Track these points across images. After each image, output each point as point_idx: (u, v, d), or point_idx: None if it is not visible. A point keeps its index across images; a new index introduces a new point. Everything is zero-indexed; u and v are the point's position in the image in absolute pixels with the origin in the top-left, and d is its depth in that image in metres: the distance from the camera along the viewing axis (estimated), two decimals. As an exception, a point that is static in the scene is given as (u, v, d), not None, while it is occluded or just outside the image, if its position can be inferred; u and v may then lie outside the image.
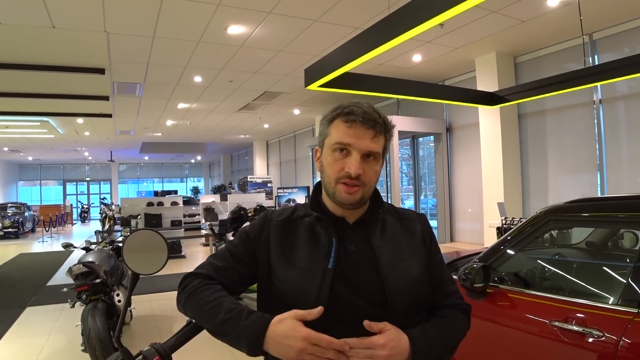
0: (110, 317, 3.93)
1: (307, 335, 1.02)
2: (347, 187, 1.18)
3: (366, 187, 1.20)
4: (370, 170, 1.19)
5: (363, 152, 1.17)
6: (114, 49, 6.43)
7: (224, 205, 13.55)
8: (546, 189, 7.19)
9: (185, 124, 13.70)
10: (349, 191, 1.18)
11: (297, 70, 7.88)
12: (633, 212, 2.24)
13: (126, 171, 28.80)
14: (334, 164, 1.20)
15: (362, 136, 1.17)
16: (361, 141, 1.17)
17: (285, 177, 18.08)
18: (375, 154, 1.19)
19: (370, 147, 1.17)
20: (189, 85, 8.79)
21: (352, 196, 1.18)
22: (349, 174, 1.16)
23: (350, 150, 1.17)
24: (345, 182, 1.18)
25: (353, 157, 1.17)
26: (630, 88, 6.04)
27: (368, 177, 1.19)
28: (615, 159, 6.23)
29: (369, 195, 1.24)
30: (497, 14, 5.51)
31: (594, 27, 6.13)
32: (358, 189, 1.18)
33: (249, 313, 1.10)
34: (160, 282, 7.36)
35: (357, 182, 1.17)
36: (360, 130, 1.17)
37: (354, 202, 1.20)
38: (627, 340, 1.83)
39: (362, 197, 1.20)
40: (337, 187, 1.20)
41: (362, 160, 1.17)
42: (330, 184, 1.21)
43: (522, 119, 7.49)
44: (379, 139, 1.20)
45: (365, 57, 3.60)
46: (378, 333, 1.08)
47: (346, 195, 1.18)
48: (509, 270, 2.64)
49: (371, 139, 1.18)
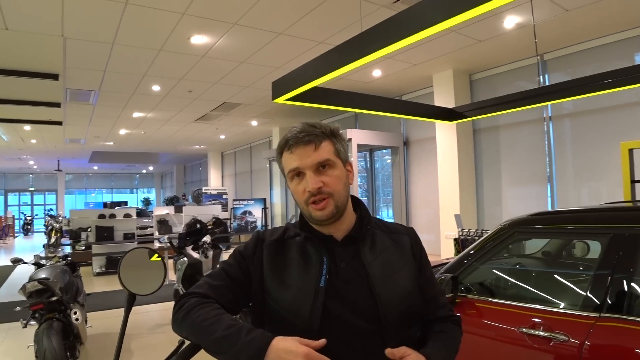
0: (67, 337, 3.75)
1: (309, 353, 1.03)
2: (316, 205, 1.21)
3: (335, 196, 1.22)
4: (329, 178, 1.22)
5: (312, 167, 1.21)
6: (70, 55, 6.23)
7: (178, 218, 13.27)
8: (499, 201, 7.48)
9: (139, 134, 13.37)
10: (319, 207, 1.21)
11: (258, 81, 7.89)
12: (589, 224, 2.40)
13: (73, 181, 27.67)
14: (297, 190, 1.25)
15: (304, 154, 1.22)
16: (306, 158, 1.22)
17: (240, 189, 17.91)
18: (326, 162, 1.23)
19: (316, 159, 1.22)
20: (147, 94, 8.61)
21: (323, 211, 1.22)
22: (309, 192, 1.20)
23: (302, 171, 1.22)
24: (313, 201, 1.21)
25: (307, 176, 1.21)
26: (576, 106, 6.43)
27: (331, 185, 1.22)
28: (563, 172, 6.60)
29: (344, 203, 1.26)
30: (456, 33, 5.75)
31: (545, 49, 6.50)
32: (326, 201, 1.21)
33: (250, 330, 1.10)
34: (115, 297, 7.12)
35: (322, 195, 1.21)
36: (300, 150, 1.22)
37: (329, 215, 1.22)
38: (590, 343, 1.95)
39: (336, 206, 1.23)
40: (309, 209, 1.23)
41: (317, 174, 1.21)
42: (303, 209, 1.26)
43: (476, 133, 7.78)
44: (324, 147, 1.24)
45: (335, 73, 3.67)
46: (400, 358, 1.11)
47: (318, 213, 1.22)
48: (475, 281, 2.74)
49: (314, 152, 1.22)
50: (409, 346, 1.17)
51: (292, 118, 11.71)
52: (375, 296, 1.19)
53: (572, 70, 6.40)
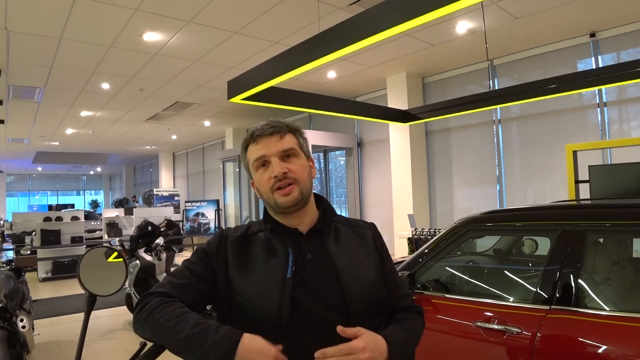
0: (13, 346, 3.57)
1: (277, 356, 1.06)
2: (282, 190, 1.24)
3: (300, 183, 1.26)
4: (294, 165, 1.27)
5: (278, 154, 1.26)
6: (14, 49, 5.92)
7: (128, 220, 12.89)
8: (451, 201, 7.70)
9: (87, 133, 12.88)
10: (284, 192, 1.24)
11: (212, 81, 7.78)
12: (539, 221, 2.51)
13: (15, 183, 26.31)
14: (262, 178, 1.28)
15: (270, 143, 1.27)
16: (271, 146, 1.27)
17: (193, 190, 17.59)
18: (290, 151, 1.28)
19: (281, 147, 1.27)
20: (95, 92, 8.31)
21: (289, 196, 1.24)
22: (276, 177, 1.23)
23: (267, 159, 1.26)
24: (278, 186, 1.24)
25: (272, 162, 1.25)
26: (523, 110, 6.71)
27: (296, 172, 1.26)
28: (511, 173, 6.87)
29: (308, 192, 1.29)
30: (409, 36, 5.87)
31: (495, 54, 6.74)
32: (292, 186, 1.24)
33: (218, 327, 1.09)
34: (62, 304, 6.85)
35: (288, 180, 1.24)
36: (266, 140, 1.28)
37: (295, 201, 1.25)
38: (542, 334, 2.05)
39: (301, 193, 1.26)
40: (274, 196, 1.25)
41: (282, 161, 1.26)
42: (268, 198, 1.27)
43: (429, 135, 7.98)
44: (287, 138, 1.29)
45: (292, 74, 3.67)
46: (353, 338, 1.12)
47: (284, 198, 1.24)
48: (431, 278, 2.82)
49: (279, 141, 1.27)
50: None
51: (247, 118, 11.61)
52: (342, 286, 1.21)
53: (519, 76, 6.68)
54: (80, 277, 1.33)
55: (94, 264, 1.37)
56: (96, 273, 1.36)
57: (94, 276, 1.35)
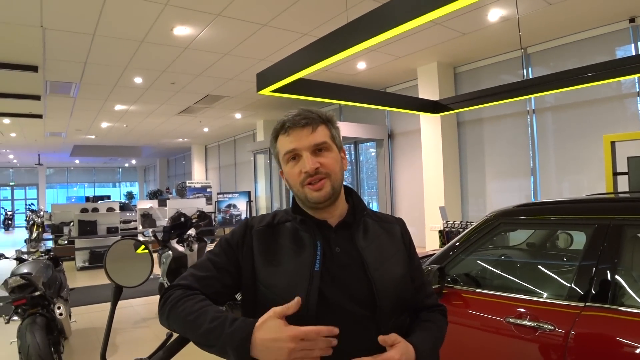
0: (51, 332, 3.69)
1: (294, 334, 1.01)
2: (312, 185, 1.21)
3: (332, 177, 1.22)
4: (326, 159, 1.23)
5: (310, 148, 1.22)
6: (50, 46, 6.09)
7: (162, 211, 13.16)
8: (483, 193, 7.55)
9: (121, 127, 13.19)
10: (315, 188, 1.21)
11: (242, 74, 7.82)
12: (574, 215, 2.42)
13: (54, 175, 27.22)
14: (292, 172, 1.24)
15: (302, 136, 1.22)
16: (303, 140, 1.22)
17: (224, 182, 17.81)
18: (323, 144, 1.23)
19: (313, 140, 1.22)
20: (129, 86, 8.49)
21: (320, 192, 1.21)
22: (307, 172, 1.20)
23: (299, 152, 1.22)
24: (310, 182, 1.20)
25: (304, 157, 1.21)
26: (558, 99, 6.50)
27: (328, 166, 1.22)
28: (546, 165, 6.67)
29: (340, 186, 1.26)
30: (440, 25, 5.75)
31: (529, 42, 6.54)
32: (323, 181, 1.21)
33: (232, 321, 1.08)
34: (98, 292, 7.05)
35: (320, 175, 1.20)
36: (297, 132, 1.23)
37: (326, 197, 1.22)
38: (576, 332, 1.97)
39: (333, 187, 1.23)
40: (305, 190, 1.22)
41: (314, 155, 1.21)
42: (298, 191, 1.24)
43: (461, 126, 7.83)
44: (320, 130, 1.24)
45: (320, 65, 3.65)
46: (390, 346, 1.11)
47: (315, 194, 1.21)
48: (461, 272, 2.76)
49: (311, 134, 1.22)
50: (399, 333, 1.18)
51: (277, 110, 11.66)
52: (370, 281, 1.19)
53: (555, 64, 6.46)
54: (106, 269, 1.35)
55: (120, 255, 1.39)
56: (122, 265, 1.38)
57: (120, 268, 1.37)
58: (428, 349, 1.19)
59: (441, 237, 6.11)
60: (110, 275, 1.34)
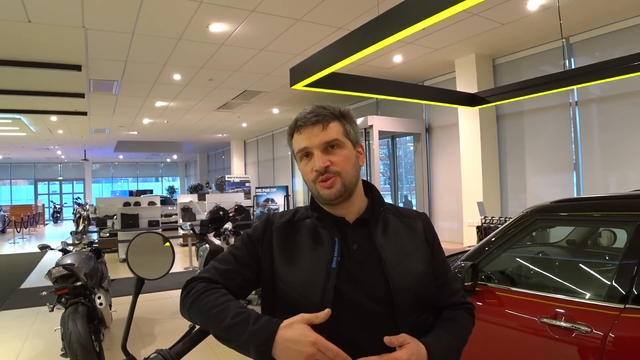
0: (92, 321, 3.83)
1: (316, 341, 1.01)
2: (323, 183, 1.20)
3: (342, 175, 1.21)
4: (337, 157, 1.22)
5: (320, 146, 1.21)
6: (92, 46, 6.29)
7: (202, 205, 13.43)
8: (523, 189, 7.33)
9: (162, 123, 13.51)
10: (326, 186, 1.20)
11: (278, 69, 7.86)
12: (615, 211, 2.31)
13: (100, 170, 28.24)
14: (305, 169, 1.25)
15: (312, 134, 1.22)
16: (314, 138, 1.21)
17: (263, 176, 18.00)
18: (334, 142, 1.22)
19: (324, 138, 1.21)
20: (168, 83, 8.67)
21: (331, 189, 1.20)
22: (317, 171, 1.20)
23: (311, 151, 1.22)
24: (321, 180, 1.20)
25: (315, 155, 1.21)
26: (603, 91, 6.22)
27: (338, 164, 1.21)
28: (590, 159, 6.40)
29: (352, 183, 1.24)
30: (478, 16, 5.60)
31: (571, 31, 6.29)
32: (334, 179, 1.20)
33: (257, 318, 1.08)
34: (139, 283, 7.26)
35: (329, 174, 1.20)
36: (308, 130, 1.22)
37: (337, 195, 1.21)
38: (614, 335, 1.88)
39: (344, 185, 1.21)
40: (317, 188, 1.23)
41: (325, 153, 1.21)
42: (312, 188, 1.25)
43: (500, 119, 7.62)
44: (332, 127, 1.23)
45: (352, 58, 3.61)
46: (398, 347, 1.08)
47: (326, 191, 1.21)
48: (496, 269, 2.69)
49: (322, 132, 1.22)
50: (420, 332, 1.16)
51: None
52: (387, 279, 1.17)
53: (601, 53, 6.17)
54: (128, 261, 1.38)
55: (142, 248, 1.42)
56: (144, 257, 1.41)
57: (142, 260, 1.40)
58: (442, 349, 1.15)
59: (479, 233, 5.98)
60: (132, 267, 1.37)
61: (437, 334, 1.21)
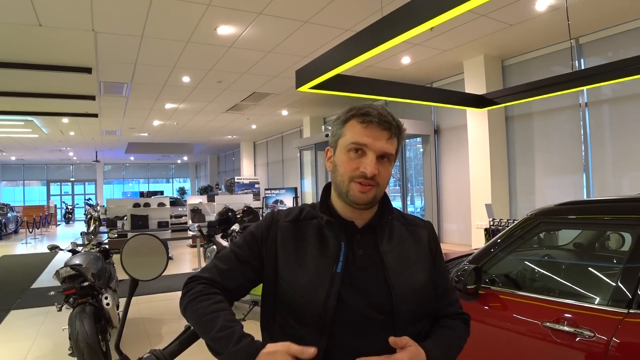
0: (99, 321, 3.87)
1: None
2: (361, 186, 1.17)
3: (379, 188, 1.20)
4: (384, 171, 1.19)
5: (378, 153, 1.17)
6: (102, 49, 6.36)
7: (211, 206, 13.50)
8: (533, 191, 7.27)
9: (172, 125, 13.60)
10: (362, 190, 1.17)
11: (286, 71, 7.87)
12: (620, 215, 2.28)
13: (111, 171, 28.50)
14: (349, 163, 1.19)
15: (378, 137, 1.17)
16: (377, 142, 1.17)
17: (272, 178, 18.03)
18: (389, 156, 1.20)
19: (385, 148, 1.18)
20: (177, 85, 8.73)
21: (365, 195, 1.18)
22: (364, 173, 1.16)
23: (366, 150, 1.18)
24: (360, 182, 1.17)
25: (369, 158, 1.17)
26: (615, 91, 6.14)
27: (382, 177, 1.19)
28: (600, 161, 6.32)
29: (380, 196, 1.23)
30: (486, 17, 5.57)
31: (580, 32, 6.22)
32: (371, 188, 1.18)
33: (240, 338, 1.07)
34: (148, 284, 7.30)
35: (372, 182, 1.17)
36: (376, 131, 1.18)
37: (367, 202, 1.19)
38: (617, 340, 1.86)
39: (375, 197, 1.20)
40: (350, 186, 1.19)
41: (377, 161, 1.17)
42: (343, 182, 1.20)
43: (509, 121, 7.57)
44: (393, 141, 1.20)
45: (358, 60, 3.61)
46: (400, 349, 1.09)
47: (360, 194, 1.18)
48: (499, 272, 2.67)
49: (386, 140, 1.18)
50: (416, 339, 1.15)
51: (323, 107, 11.67)
52: (389, 286, 1.16)
53: (611, 54, 6.11)
54: (122, 263, 1.39)
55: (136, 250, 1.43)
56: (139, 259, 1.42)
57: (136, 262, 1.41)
58: (441, 355, 1.16)
59: (487, 235, 5.95)
60: (127, 269, 1.38)
61: (436, 340, 1.20)
